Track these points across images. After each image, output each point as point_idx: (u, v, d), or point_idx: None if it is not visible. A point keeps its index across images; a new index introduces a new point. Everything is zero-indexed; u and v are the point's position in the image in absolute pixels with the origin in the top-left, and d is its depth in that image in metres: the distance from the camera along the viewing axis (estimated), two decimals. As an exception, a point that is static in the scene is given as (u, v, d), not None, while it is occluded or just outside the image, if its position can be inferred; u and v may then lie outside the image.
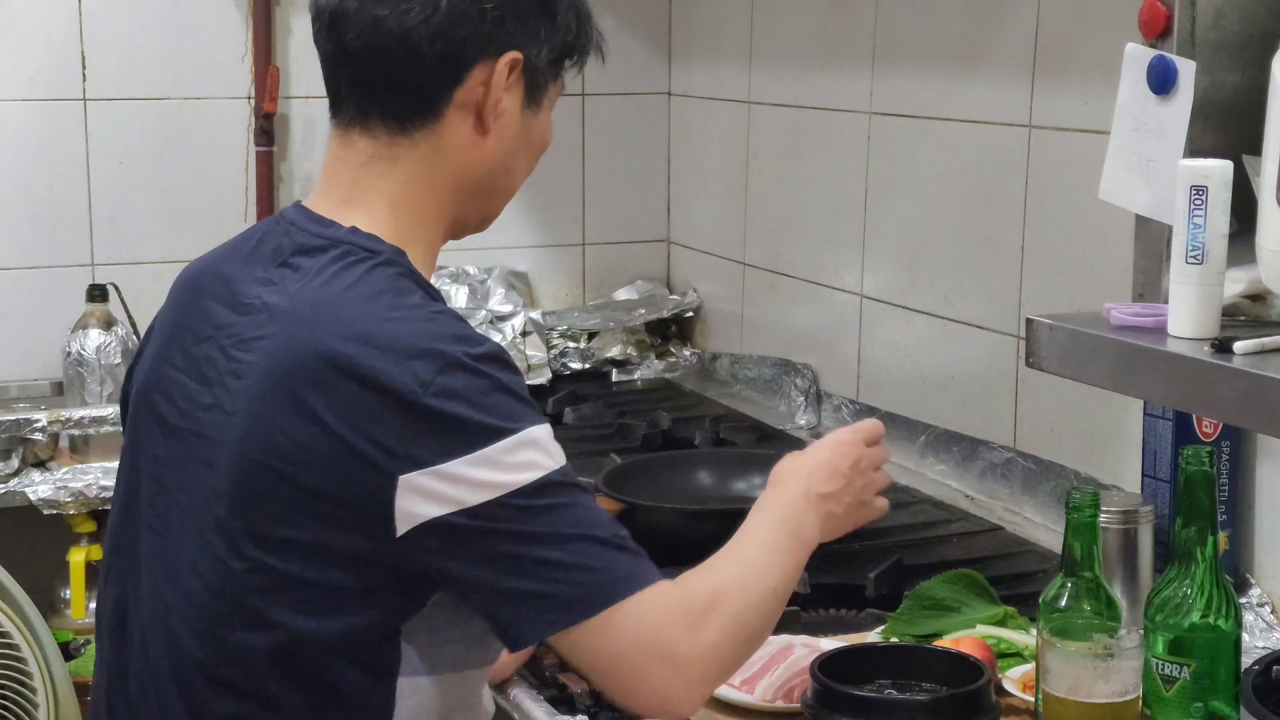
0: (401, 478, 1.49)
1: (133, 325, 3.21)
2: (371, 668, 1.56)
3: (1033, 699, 1.74)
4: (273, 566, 1.54)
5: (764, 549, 1.65)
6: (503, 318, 3.48)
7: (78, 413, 3.04)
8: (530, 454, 1.51)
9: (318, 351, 1.52)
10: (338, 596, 1.54)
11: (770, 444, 2.96)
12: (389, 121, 1.63)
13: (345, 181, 1.65)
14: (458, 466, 1.49)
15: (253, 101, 3.40)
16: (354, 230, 1.62)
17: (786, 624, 2.01)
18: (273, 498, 1.53)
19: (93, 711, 1.72)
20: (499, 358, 1.55)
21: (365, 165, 1.64)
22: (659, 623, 1.53)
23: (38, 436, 3.00)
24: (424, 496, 1.49)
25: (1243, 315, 1.58)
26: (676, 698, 1.56)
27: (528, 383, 1.83)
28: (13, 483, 2.96)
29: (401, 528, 1.50)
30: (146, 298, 3.21)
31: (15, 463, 2.99)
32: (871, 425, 1.80)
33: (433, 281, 1.66)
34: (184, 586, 1.58)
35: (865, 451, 1.76)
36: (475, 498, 1.49)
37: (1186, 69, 1.65)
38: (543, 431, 1.54)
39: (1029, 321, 1.69)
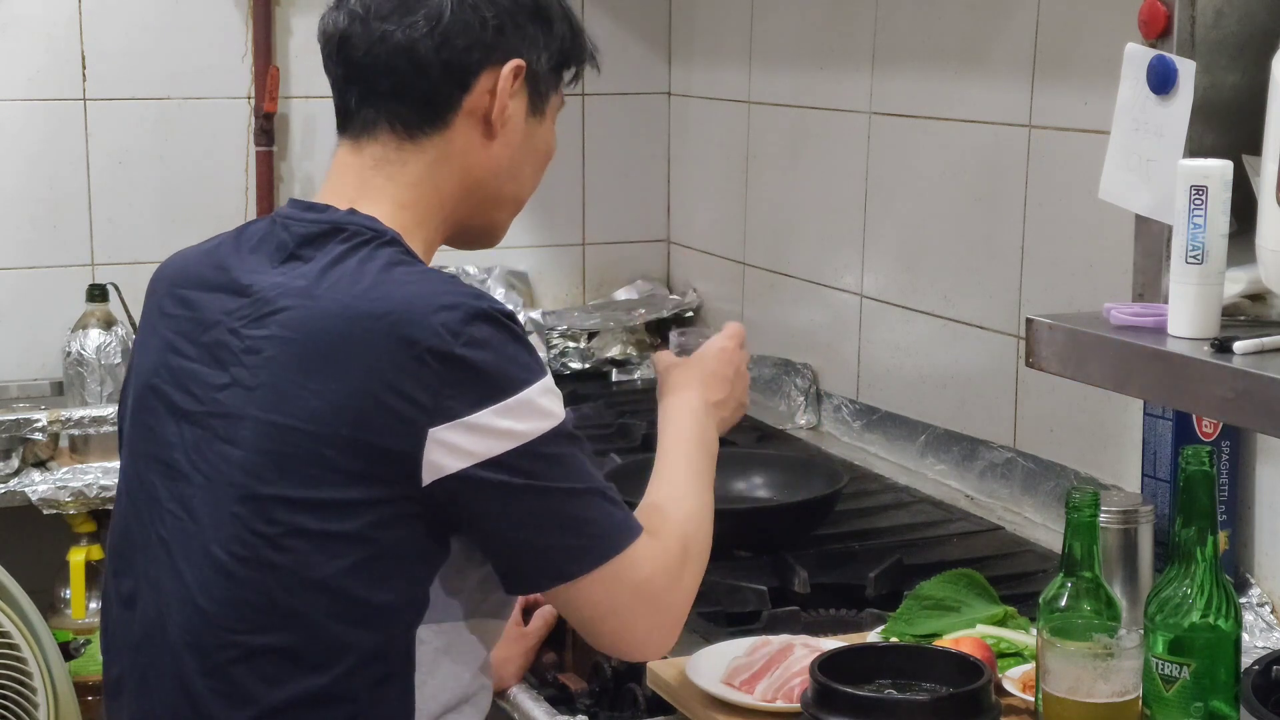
0: (431, 431, 1.54)
1: (133, 325, 3.20)
2: (399, 615, 1.60)
3: (1033, 699, 1.74)
4: (305, 527, 1.57)
5: (697, 475, 1.78)
6: (503, 317, 3.47)
7: (78, 413, 3.04)
8: (546, 403, 1.59)
9: (343, 315, 1.57)
10: (370, 548, 1.57)
11: (770, 444, 2.96)
12: (398, 129, 1.69)
13: (353, 181, 1.70)
14: (485, 417, 1.55)
15: (253, 101, 3.40)
16: (351, 212, 1.67)
17: (786, 624, 2.01)
18: (304, 460, 1.56)
19: (107, 705, 1.72)
20: (511, 314, 1.62)
21: (374, 168, 1.69)
22: (650, 574, 1.64)
23: (38, 436, 3.00)
24: (450, 450, 1.54)
25: (1243, 315, 1.58)
26: (664, 641, 1.68)
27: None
28: (13, 483, 2.96)
29: (427, 479, 1.55)
30: (146, 298, 3.21)
31: (15, 463, 2.99)
32: (739, 328, 1.94)
33: None
34: (210, 562, 1.60)
35: (741, 356, 1.91)
36: (498, 448, 1.55)
37: (1186, 69, 1.65)
38: (551, 381, 1.61)
39: (1029, 321, 1.69)
